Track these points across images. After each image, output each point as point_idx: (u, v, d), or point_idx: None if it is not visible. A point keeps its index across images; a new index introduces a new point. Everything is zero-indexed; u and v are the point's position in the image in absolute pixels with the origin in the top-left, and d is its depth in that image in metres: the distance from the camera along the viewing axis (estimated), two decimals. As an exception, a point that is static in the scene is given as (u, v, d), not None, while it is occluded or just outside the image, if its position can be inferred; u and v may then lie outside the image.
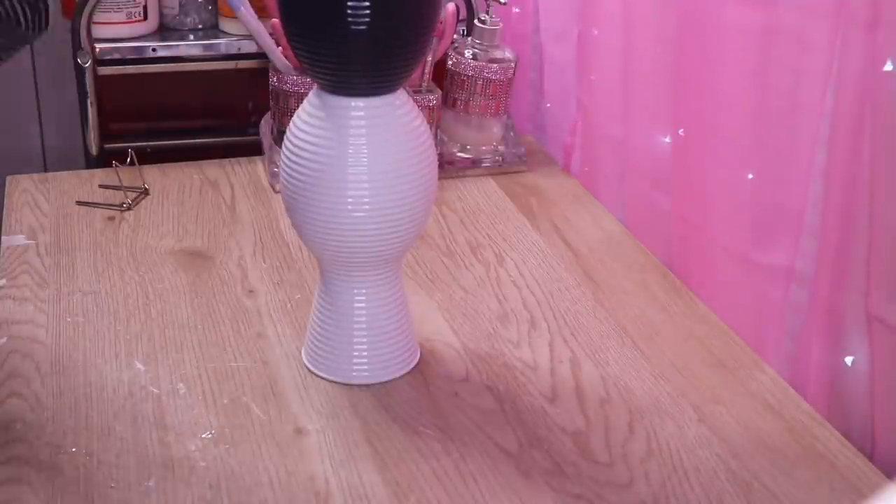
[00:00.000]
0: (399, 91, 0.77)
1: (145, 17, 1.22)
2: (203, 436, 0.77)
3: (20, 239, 1.02)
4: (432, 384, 0.84)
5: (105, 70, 1.20)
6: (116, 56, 1.20)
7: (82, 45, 1.18)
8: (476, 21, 1.18)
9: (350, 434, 0.78)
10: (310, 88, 0.82)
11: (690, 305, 0.96)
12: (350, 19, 0.71)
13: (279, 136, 1.12)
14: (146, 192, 1.12)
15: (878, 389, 0.79)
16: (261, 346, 0.88)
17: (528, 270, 1.01)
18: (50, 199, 1.11)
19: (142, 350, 0.86)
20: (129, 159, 1.16)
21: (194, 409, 0.80)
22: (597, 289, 0.98)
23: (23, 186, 1.13)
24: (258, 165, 1.20)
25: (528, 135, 1.32)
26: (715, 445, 0.78)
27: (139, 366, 0.84)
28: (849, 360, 0.81)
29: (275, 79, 1.12)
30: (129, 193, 1.11)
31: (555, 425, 0.79)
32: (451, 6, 1.15)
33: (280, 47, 1.11)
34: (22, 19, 0.72)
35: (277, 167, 0.85)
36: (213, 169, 1.19)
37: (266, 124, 1.19)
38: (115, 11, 1.20)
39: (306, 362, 0.85)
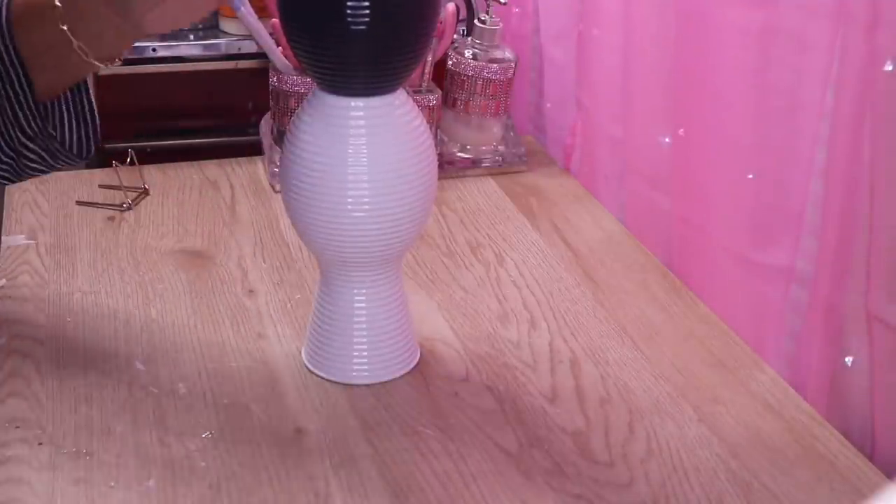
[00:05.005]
0: (399, 91, 0.77)
1: (145, 17, 1.22)
2: (203, 436, 0.77)
3: (20, 239, 1.02)
4: (432, 384, 0.84)
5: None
6: (116, 56, 1.20)
7: (82, 45, 1.17)
8: (476, 21, 1.18)
9: (350, 434, 0.78)
10: (310, 88, 0.82)
11: (690, 305, 0.96)
12: (350, 19, 0.71)
13: (279, 136, 1.12)
14: (146, 192, 1.12)
15: (878, 389, 0.78)
16: (261, 346, 0.88)
17: (528, 270, 1.01)
18: (50, 199, 1.10)
19: (142, 350, 0.86)
20: (129, 159, 1.16)
21: (194, 409, 0.80)
22: (597, 289, 0.98)
23: (23, 186, 1.12)
24: (258, 165, 1.20)
25: (528, 135, 1.32)
26: (715, 445, 0.78)
27: (139, 366, 0.84)
28: (849, 360, 0.81)
29: (275, 79, 1.12)
30: (129, 193, 1.11)
31: (555, 425, 0.79)
32: (451, 6, 1.15)
33: (280, 47, 1.11)
34: (75, 148, 0.79)
35: (277, 167, 0.85)
36: (213, 169, 1.19)
37: (266, 124, 1.19)
38: (115, 11, 1.19)
39: (306, 362, 0.85)
